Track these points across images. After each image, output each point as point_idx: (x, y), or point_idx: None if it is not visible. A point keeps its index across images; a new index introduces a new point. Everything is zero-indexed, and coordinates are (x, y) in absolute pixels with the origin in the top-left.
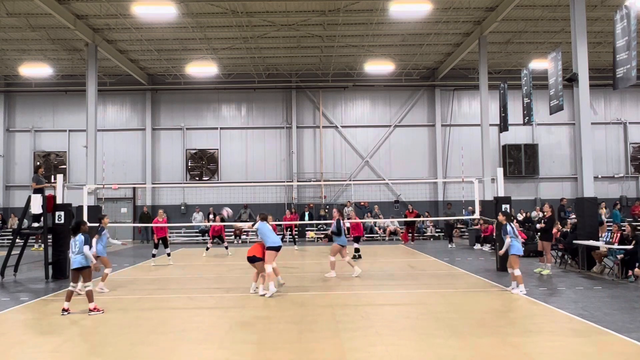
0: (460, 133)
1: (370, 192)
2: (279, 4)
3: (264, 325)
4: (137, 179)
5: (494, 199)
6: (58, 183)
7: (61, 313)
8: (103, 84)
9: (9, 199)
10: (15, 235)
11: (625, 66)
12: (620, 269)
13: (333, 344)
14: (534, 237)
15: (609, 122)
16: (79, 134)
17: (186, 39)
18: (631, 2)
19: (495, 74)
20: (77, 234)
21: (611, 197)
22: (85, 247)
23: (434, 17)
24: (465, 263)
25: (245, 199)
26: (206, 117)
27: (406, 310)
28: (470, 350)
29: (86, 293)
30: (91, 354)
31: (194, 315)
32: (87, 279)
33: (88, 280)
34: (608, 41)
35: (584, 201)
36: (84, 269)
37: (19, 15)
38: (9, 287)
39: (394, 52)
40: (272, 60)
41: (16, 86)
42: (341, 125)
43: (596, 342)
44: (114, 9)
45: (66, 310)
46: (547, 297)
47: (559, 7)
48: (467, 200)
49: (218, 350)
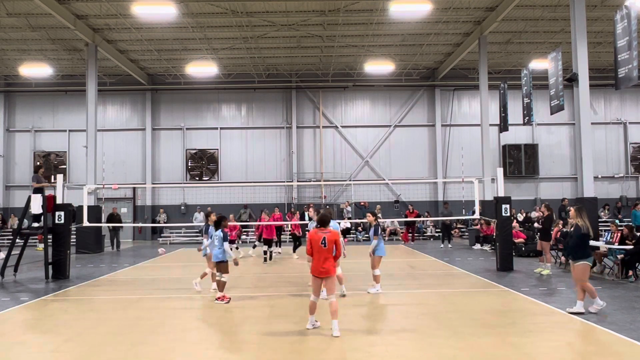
0: (460, 133)
1: (370, 192)
2: (279, 4)
3: (264, 325)
4: (137, 179)
5: (494, 199)
6: (58, 183)
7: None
8: (103, 84)
9: (9, 199)
10: (15, 235)
11: (626, 66)
12: (620, 269)
13: (333, 344)
14: (534, 237)
15: (609, 122)
16: (79, 134)
17: (186, 39)
18: (631, 2)
19: (495, 74)
20: (218, 229)
21: (611, 197)
22: (225, 243)
23: (434, 17)
24: (465, 263)
25: (245, 199)
26: (206, 117)
27: (406, 310)
28: (470, 350)
29: (217, 283)
30: (91, 354)
31: (194, 315)
32: (224, 271)
33: (225, 273)
34: (608, 41)
35: (584, 201)
36: (222, 262)
37: (19, 15)
38: (9, 287)
39: (394, 52)
40: (272, 60)
41: (16, 86)
42: (341, 125)
43: (596, 342)
44: (114, 9)
45: (220, 299)
46: (547, 297)
47: (559, 7)
48: (467, 200)
49: (218, 350)
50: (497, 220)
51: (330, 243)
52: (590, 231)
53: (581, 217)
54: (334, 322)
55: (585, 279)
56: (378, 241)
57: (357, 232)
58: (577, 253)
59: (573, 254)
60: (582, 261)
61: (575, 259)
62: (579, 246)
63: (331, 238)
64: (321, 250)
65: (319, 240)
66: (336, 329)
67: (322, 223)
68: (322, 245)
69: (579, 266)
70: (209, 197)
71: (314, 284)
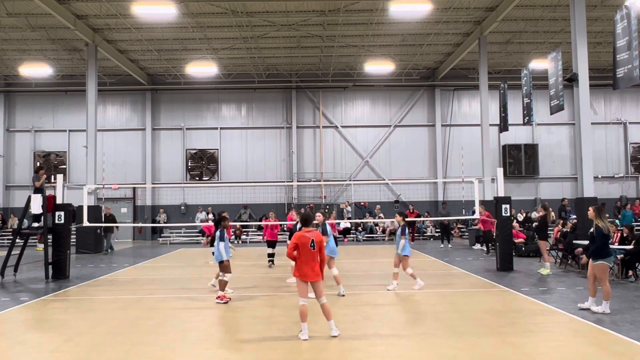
0: (460, 133)
1: (370, 192)
2: (279, 4)
3: (264, 325)
4: (137, 179)
5: (494, 199)
6: (58, 183)
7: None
8: (103, 84)
9: (9, 199)
10: (15, 235)
11: (626, 66)
12: (620, 269)
13: (333, 344)
14: (534, 237)
15: (609, 122)
16: (79, 134)
17: (186, 39)
18: (631, 2)
19: (495, 74)
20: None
21: (611, 197)
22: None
23: (434, 17)
24: (465, 263)
25: (245, 199)
26: (206, 117)
27: (406, 310)
28: (470, 350)
29: (220, 282)
30: (91, 353)
31: (194, 315)
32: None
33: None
34: (608, 41)
35: (584, 201)
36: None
37: (19, 15)
38: (9, 287)
39: (394, 52)
40: (272, 60)
41: (16, 86)
42: (341, 125)
43: (596, 342)
44: (114, 9)
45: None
46: (547, 297)
47: (559, 7)
48: (467, 200)
49: (218, 350)
50: (497, 220)
51: (317, 245)
52: (610, 232)
53: (600, 217)
54: (330, 322)
55: (605, 279)
56: (406, 240)
57: (357, 232)
58: (597, 253)
59: (594, 255)
60: (601, 261)
61: (595, 259)
62: (601, 247)
63: (318, 239)
64: (309, 252)
65: (307, 243)
66: (334, 329)
67: (306, 223)
68: (311, 248)
69: (599, 265)
70: (209, 197)
71: (301, 287)
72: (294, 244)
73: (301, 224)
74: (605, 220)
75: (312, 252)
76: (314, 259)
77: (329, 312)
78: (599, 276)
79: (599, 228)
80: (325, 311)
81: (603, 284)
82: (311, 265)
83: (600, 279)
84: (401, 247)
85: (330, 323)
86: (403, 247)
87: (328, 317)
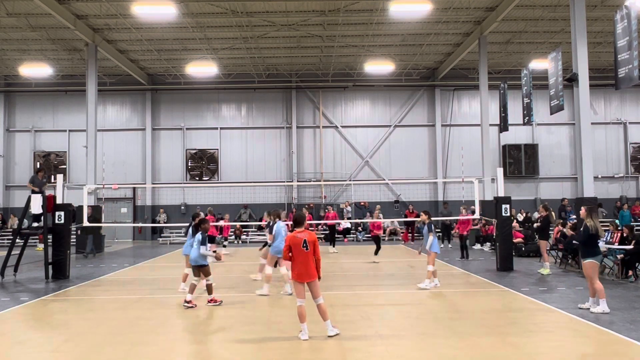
0: (460, 133)
1: (370, 192)
2: (279, 4)
3: (264, 325)
4: (137, 179)
5: (494, 199)
6: (58, 183)
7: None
8: (103, 84)
9: (9, 199)
10: (15, 235)
11: (627, 66)
12: (620, 269)
13: (333, 344)
14: (534, 237)
15: (609, 122)
16: (79, 134)
17: (186, 39)
18: (631, 2)
19: (495, 74)
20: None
21: (611, 197)
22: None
23: (434, 17)
24: (465, 263)
25: (245, 199)
26: (206, 117)
27: (406, 310)
28: (470, 350)
29: (207, 287)
30: (91, 353)
31: (194, 315)
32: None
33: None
34: (608, 41)
35: (584, 201)
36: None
37: (19, 15)
38: (9, 287)
39: (394, 52)
40: (272, 60)
41: (16, 86)
42: (341, 125)
43: (596, 342)
44: (114, 9)
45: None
46: (547, 297)
47: (559, 7)
48: (467, 200)
49: (218, 350)
50: (497, 220)
51: (311, 245)
52: (599, 231)
53: (591, 217)
54: (327, 322)
55: (594, 277)
56: (433, 237)
57: (357, 232)
58: (585, 251)
59: (581, 252)
60: (590, 259)
61: (584, 257)
62: (586, 245)
63: (311, 239)
64: (303, 253)
65: (300, 243)
66: (330, 329)
67: (297, 223)
68: (304, 249)
69: (587, 263)
70: (209, 197)
71: (298, 288)
72: (287, 245)
73: (293, 224)
74: (595, 220)
75: (306, 253)
76: (308, 259)
77: (325, 313)
78: (588, 274)
79: (586, 227)
80: (321, 311)
81: (594, 282)
82: (306, 266)
83: (590, 277)
84: (429, 243)
85: (326, 323)
86: (431, 244)
87: (324, 318)
